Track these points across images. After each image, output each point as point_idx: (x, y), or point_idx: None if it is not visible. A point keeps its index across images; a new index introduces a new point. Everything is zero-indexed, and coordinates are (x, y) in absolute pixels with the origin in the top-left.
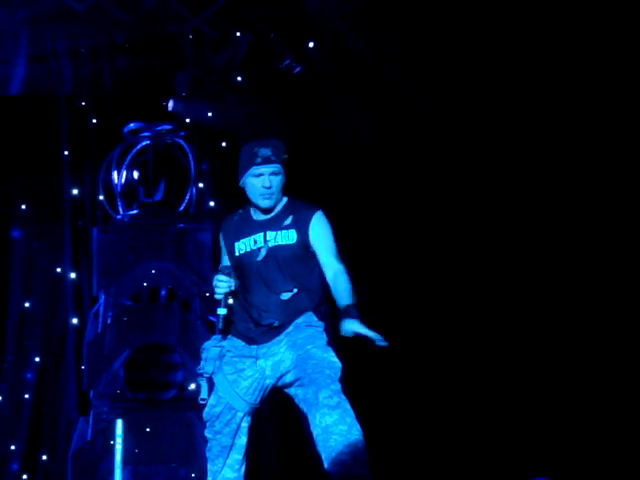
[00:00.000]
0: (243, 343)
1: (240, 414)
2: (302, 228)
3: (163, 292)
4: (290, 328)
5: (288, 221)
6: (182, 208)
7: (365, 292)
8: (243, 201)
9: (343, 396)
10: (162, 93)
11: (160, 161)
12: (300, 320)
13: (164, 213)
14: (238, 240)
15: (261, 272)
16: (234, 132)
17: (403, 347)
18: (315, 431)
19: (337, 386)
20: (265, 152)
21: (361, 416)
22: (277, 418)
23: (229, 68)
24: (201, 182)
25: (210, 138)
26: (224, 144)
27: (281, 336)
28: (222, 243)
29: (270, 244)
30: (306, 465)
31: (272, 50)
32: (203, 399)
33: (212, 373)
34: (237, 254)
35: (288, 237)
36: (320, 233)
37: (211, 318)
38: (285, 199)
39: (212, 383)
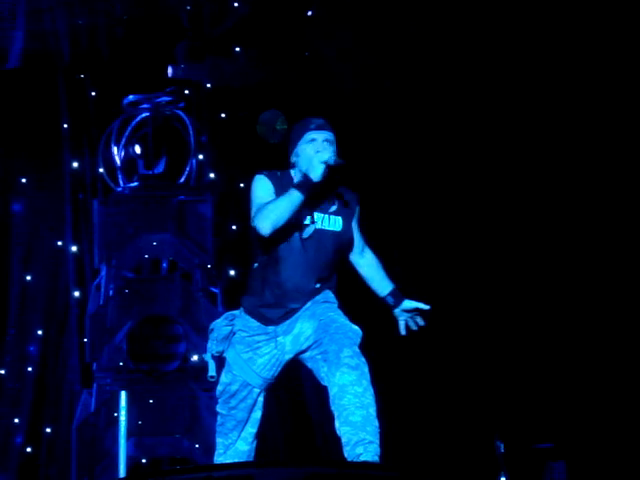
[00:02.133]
0: (258, 324)
1: (257, 390)
2: (348, 217)
3: (164, 264)
4: (308, 304)
5: (334, 207)
6: (182, 180)
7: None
8: (243, 173)
9: (363, 359)
10: (161, 65)
11: (160, 133)
12: (318, 297)
13: (164, 185)
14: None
15: (303, 251)
16: (233, 103)
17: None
18: (332, 389)
19: (358, 349)
20: (319, 121)
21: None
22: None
23: (227, 38)
24: (201, 154)
25: (209, 109)
26: (223, 115)
27: (298, 312)
28: (265, 185)
29: (317, 226)
30: (310, 440)
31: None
32: (212, 377)
33: (222, 352)
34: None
35: (335, 224)
36: (357, 222)
37: (212, 289)
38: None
39: (221, 361)
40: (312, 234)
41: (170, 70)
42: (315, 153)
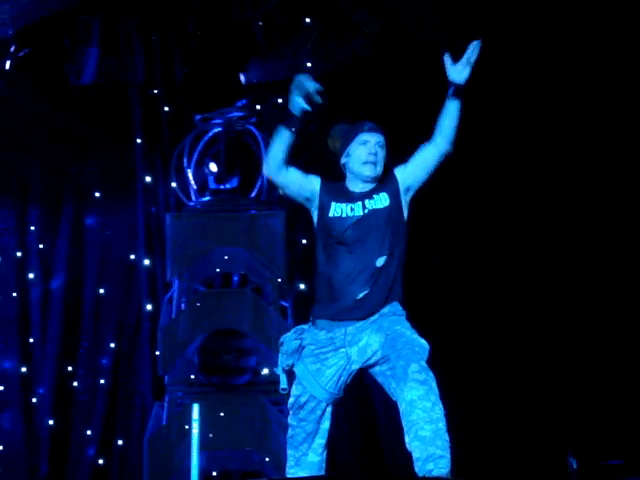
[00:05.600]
0: (326, 336)
1: (323, 403)
2: (391, 187)
3: (235, 278)
4: (375, 317)
5: (373, 186)
6: (254, 194)
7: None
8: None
9: (431, 374)
10: (234, 79)
11: (231, 148)
12: (385, 310)
13: (236, 199)
14: (336, 201)
15: (354, 239)
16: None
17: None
18: (401, 405)
19: (426, 364)
20: (371, 123)
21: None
22: (353, 406)
23: (299, 54)
24: None
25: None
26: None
27: (366, 323)
28: (319, 189)
29: (366, 211)
30: (379, 454)
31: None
32: (284, 389)
33: (292, 366)
34: (331, 214)
35: (381, 200)
36: (407, 164)
37: (283, 303)
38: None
39: (291, 374)
40: (358, 221)
41: (242, 77)
42: (367, 155)
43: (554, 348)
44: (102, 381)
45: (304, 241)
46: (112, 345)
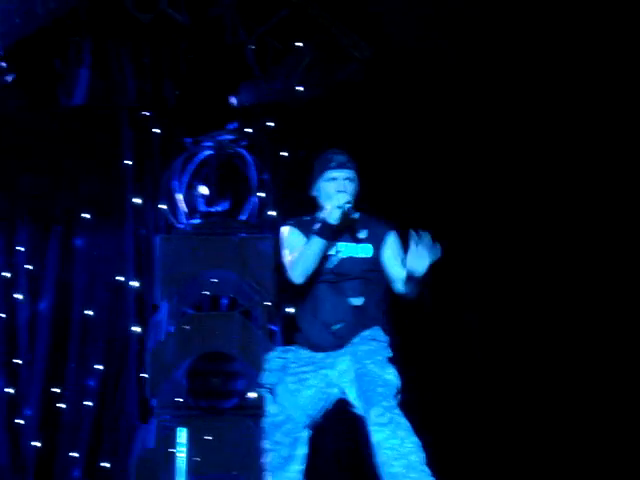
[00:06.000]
0: (309, 353)
1: (300, 426)
2: (378, 244)
3: (224, 301)
4: (356, 339)
5: (364, 234)
6: (244, 217)
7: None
8: (303, 211)
9: (397, 411)
10: (225, 103)
11: (222, 170)
12: (366, 333)
13: (226, 222)
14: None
15: (332, 279)
16: (295, 141)
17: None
18: (372, 449)
19: (389, 403)
20: (340, 158)
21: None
22: (338, 430)
23: (290, 77)
24: (262, 192)
25: (271, 147)
26: (285, 153)
27: (348, 346)
28: (295, 235)
29: (344, 255)
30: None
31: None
32: None
33: (274, 384)
34: None
35: (364, 250)
36: (394, 250)
37: (271, 327)
38: (358, 213)
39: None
40: (340, 262)
41: (233, 100)
42: (336, 192)
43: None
44: (88, 403)
45: None
46: (99, 367)
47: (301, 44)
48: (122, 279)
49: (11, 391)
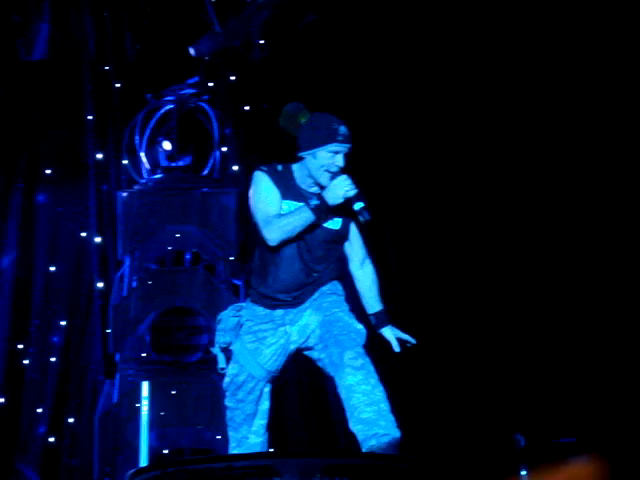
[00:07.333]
0: (264, 311)
1: (262, 382)
2: (347, 220)
3: (188, 256)
4: (316, 295)
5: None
6: (206, 172)
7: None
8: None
9: (367, 358)
10: (185, 57)
11: (184, 125)
12: (325, 288)
13: (188, 177)
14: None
15: (299, 244)
16: (258, 95)
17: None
18: (341, 393)
19: (362, 349)
20: (345, 131)
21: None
22: (302, 382)
23: (251, 31)
24: (224, 146)
25: (233, 101)
26: (247, 108)
27: (307, 303)
28: (270, 190)
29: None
30: (330, 428)
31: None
32: (222, 368)
33: (229, 344)
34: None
35: (334, 222)
36: (359, 228)
37: (235, 281)
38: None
39: (229, 352)
40: (308, 229)
41: (192, 51)
42: (334, 165)
43: (503, 325)
44: (53, 359)
45: None
46: (63, 323)
47: None
48: (85, 235)
49: None
